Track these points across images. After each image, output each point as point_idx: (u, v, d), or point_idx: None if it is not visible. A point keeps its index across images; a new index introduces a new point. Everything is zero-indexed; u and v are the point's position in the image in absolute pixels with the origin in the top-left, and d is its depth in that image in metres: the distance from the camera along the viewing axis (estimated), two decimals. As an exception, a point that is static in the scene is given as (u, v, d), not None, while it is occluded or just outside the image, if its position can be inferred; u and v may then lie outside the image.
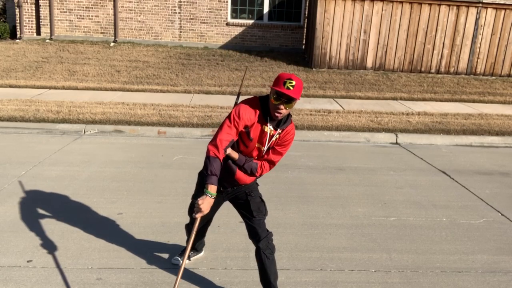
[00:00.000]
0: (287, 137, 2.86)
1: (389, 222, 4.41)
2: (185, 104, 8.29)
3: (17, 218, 4.10)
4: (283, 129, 2.83)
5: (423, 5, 11.04)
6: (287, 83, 2.59)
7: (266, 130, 2.78)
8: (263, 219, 3.01)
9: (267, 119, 2.77)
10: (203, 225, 3.31)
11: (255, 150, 2.87)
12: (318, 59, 11.24)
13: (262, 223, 2.99)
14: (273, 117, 2.74)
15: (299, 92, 2.64)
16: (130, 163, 5.68)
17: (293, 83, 2.59)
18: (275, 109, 2.68)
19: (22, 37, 12.86)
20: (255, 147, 2.85)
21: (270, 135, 2.81)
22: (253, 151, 2.87)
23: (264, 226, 3.00)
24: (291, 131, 2.87)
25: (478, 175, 5.89)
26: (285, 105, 2.65)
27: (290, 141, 2.89)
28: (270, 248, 2.98)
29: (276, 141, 2.85)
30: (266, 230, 3.00)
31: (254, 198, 2.99)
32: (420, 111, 8.72)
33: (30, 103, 7.83)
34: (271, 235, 3.02)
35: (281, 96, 2.62)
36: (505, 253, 3.94)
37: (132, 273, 3.35)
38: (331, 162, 6.14)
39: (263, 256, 2.95)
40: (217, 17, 13.07)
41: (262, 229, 2.98)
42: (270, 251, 2.98)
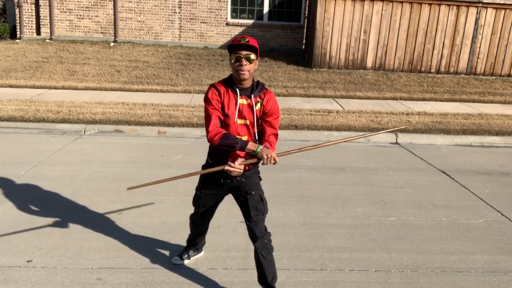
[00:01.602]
0: (270, 104, 2.84)
1: (389, 222, 4.41)
2: (185, 104, 8.29)
3: (17, 218, 4.11)
4: (259, 95, 2.81)
5: (423, 5, 11.04)
6: (241, 40, 2.69)
7: (240, 101, 2.78)
8: (261, 218, 2.98)
9: (236, 91, 2.78)
10: (206, 218, 3.28)
11: (243, 128, 2.82)
12: (318, 59, 11.24)
13: (260, 223, 2.96)
14: (239, 80, 2.73)
15: (255, 43, 2.71)
16: (130, 163, 5.68)
17: (246, 39, 2.70)
18: (238, 70, 2.70)
19: (22, 37, 12.86)
20: (241, 124, 2.81)
21: (249, 105, 2.79)
22: (240, 130, 2.81)
23: (262, 226, 2.97)
24: (271, 97, 2.86)
25: (478, 175, 5.89)
26: (246, 60, 2.68)
27: (275, 107, 2.87)
28: (267, 248, 2.95)
29: (261, 111, 2.83)
30: (263, 230, 2.98)
31: (253, 197, 2.95)
32: (420, 111, 8.72)
33: (30, 103, 7.83)
34: (268, 235, 3.00)
35: (238, 48, 2.68)
36: (505, 253, 3.94)
37: (132, 273, 3.35)
38: (331, 162, 6.14)
39: (260, 256, 2.94)
40: (217, 17, 13.07)
41: (259, 229, 2.95)
42: (267, 251, 2.95)
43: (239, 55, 2.68)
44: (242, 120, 2.81)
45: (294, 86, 10.08)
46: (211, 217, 3.32)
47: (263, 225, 2.99)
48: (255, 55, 2.71)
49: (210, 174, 2.96)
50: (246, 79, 2.75)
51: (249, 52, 2.69)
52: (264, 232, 2.98)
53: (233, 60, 2.70)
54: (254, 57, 2.71)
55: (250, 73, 2.74)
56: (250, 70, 2.72)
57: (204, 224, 3.35)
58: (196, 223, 3.31)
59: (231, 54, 2.72)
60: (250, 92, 2.80)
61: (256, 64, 2.76)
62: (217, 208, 3.27)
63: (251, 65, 2.72)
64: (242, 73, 2.70)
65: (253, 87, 2.82)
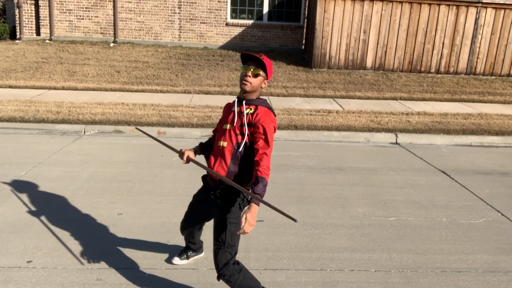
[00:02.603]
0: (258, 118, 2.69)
1: (389, 222, 4.41)
2: (185, 105, 8.29)
3: (17, 218, 4.11)
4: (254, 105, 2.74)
5: (422, 5, 11.05)
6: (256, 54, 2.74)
7: (233, 109, 2.82)
8: (223, 250, 2.70)
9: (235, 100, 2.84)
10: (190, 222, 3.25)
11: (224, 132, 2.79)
12: (318, 59, 11.24)
13: (220, 254, 2.70)
14: (242, 89, 2.76)
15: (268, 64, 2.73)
16: (130, 164, 5.68)
17: (262, 56, 2.73)
18: (242, 78, 2.73)
19: (21, 38, 12.86)
20: (224, 129, 2.80)
21: (238, 112, 2.78)
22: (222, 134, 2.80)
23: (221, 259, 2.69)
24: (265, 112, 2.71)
25: (478, 175, 5.89)
26: (253, 74, 2.69)
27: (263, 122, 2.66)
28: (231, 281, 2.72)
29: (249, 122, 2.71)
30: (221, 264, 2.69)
31: (220, 222, 2.76)
32: (420, 111, 8.72)
33: (30, 103, 7.83)
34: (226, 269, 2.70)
35: (250, 61, 2.72)
36: (505, 253, 3.94)
37: (132, 273, 3.35)
38: (331, 162, 6.14)
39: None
40: (216, 17, 13.07)
41: (217, 261, 2.71)
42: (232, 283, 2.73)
43: (248, 66, 2.72)
44: (225, 125, 2.82)
45: (294, 86, 10.08)
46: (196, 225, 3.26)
47: (224, 258, 2.70)
48: (263, 73, 2.73)
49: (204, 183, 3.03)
50: (246, 90, 2.73)
51: (258, 67, 2.71)
52: (221, 266, 2.69)
53: (242, 70, 2.74)
54: (261, 73, 2.72)
55: (252, 86, 2.72)
56: (252, 83, 2.71)
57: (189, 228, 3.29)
58: (182, 226, 3.32)
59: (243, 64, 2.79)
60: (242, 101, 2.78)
61: (261, 81, 2.75)
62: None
63: (256, 79, 2.71)
64: (244, 83, 2.71)
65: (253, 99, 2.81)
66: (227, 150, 2.75)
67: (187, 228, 3.31)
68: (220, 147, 2.78)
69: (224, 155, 2.76)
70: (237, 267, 2.76)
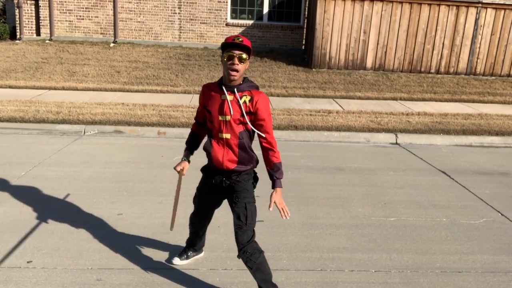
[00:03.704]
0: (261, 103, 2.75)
1: (389, 222, 4.41)
2: (185, 105, 8.29)
3: (17, 218, 4.10)
4: (247, 91, 2.76)
5: (422, 5, 11.05)
6: (235, 39, 2.67)
7: (223, 98, 2.77)
8: (245, 228, 2.85)
9: (222, 88, 2.78)
10: (202, 218, 3.26)
11: (224, 125, 2.78)
12: (318, 60, 11.24)
13: (242, 233, 2.85)
14: (229, 79, 2.72)
15: (249, 44, 2.70)
16: (130, 164, 5.68)
17: (240, 38, 2.68)
18: (229, 68, 2.68)
19: (22, 38, 12.86)
20: (222, 121, 2.77)
21: (232, 100, 2.75)
22: (222, 126, 2.79)
23: (243, 237, 2.85)
24: (263, 96, 2.77)
25: (478, 175, 5.89)
26: (238, 60, 2.67)
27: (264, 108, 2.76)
28: (251, 259, 2.84)
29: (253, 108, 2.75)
30: (245, 241, 2.84)
31: (237, 204, 2.89)
32: (420, 111, 8.72)
33: (30, 103, 7.83)
34: (251, 246, 2.85)
35: (232, 48, 2.67)
36: (505, 253, 3.94)
37: (132, 273, 3.35)
38: (331, 162, 6.14)
39: (247, 267, 2.89)
40: (216, 18, 13.08)
41: (239, 239, 2.85)
42: (252, 262, 2.84)
43: (232, 54, 2.67)
44: (222, 116, 2.78)
45: (294, 86, 10.09)
46: (208, 218, 3.30)
47: (246, 236, 2.86)
48: (247, 55, 2.71)
49: (206, 174, 3.05)
50: (235, 79, 2.73)
51: (242, 51, 2.68)
52: (245, 243, 2.84)
53: (226, 59, 2.68)
54: (246, 56, 2.70)
55: (240, 73, 2.73)
56: (240, 69, 2.71)
57: (200, 223, 3.31)
58: (193, 221, 3.31)
59: (224, 52, 2.71)
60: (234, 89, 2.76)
61: (247, 64, 2.75)
62: (217, 209, 3.26)
63: (243, 65, 2.71)
64: (233, 73, 2.70)
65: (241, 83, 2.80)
66: (231, 141, 2.81)
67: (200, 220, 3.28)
68: (223, 139, 2.82)
69: (230, 147, 2.83)
70: (258, 247, 2.91)
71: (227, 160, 2.84)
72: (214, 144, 2.85)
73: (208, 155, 2.90)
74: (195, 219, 3.28)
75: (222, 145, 2.83)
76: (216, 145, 2.84)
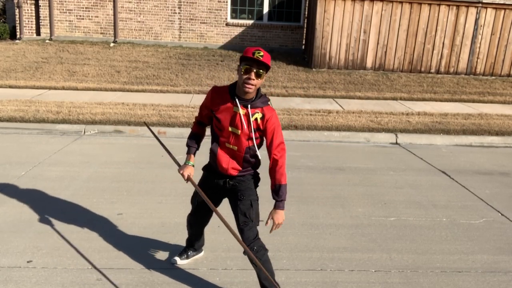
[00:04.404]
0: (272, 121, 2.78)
1: (389, 222, 4.41)
2: (185, 105, 8.29)
3: (17, 218, 4.11)
4: (260, 108, 2.76)
5: (422, 5, 11.05)
6: (256, 53, 2.61)
7: (236, 110, 2.75)
8: (250, 225, 2.90)
9: (235, 99, 2.75)
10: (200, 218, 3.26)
11: (233, 137, 2.80)
12: (318, 59, 11.24)
13: (248, 230, 2.90)
14: (243, 91, 2.69)
15: (269, 61, 2.66)
16: (130, 164, 5.68)
17: (261, 53, 2.62)
18: (245, 82, 2.65)
19: (22, 38, 12.86)
20: (231, 132, 2.79)
21: (244, 115, 2.74)
22: (231, 138, 2.81)
23: (250, 234, 2.89)
24: (274, 115, 2.79)
25: (478, 175, 5.89)
26: (256, 75, 2.63)
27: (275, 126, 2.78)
28: (257, 256, 2.86)
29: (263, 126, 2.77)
30: (251, 238, 2.89)
31: (243, 202, 2.92)
32: (420, 111, 8.72)
33: (30, 103, 7.83)
34: (257, 242, 2.91)
35: (252, 63, 2.62)
36: (505, 253, 3.94)
37: (132, 273, 3.35)
38: (331, 162, 6.14)
39: (252, 264, 2.92)
40: (216, 18, 13.07)
41: (246, 237, 2.89)
42: (258, 259, 2.88)
43: (250, 68, 2.63)
44: (233, 129, 2.79)
45: (294, 86, 10.09)
46: (206, 219, 3.29)
47: (252, 233, 2.91)
48: (265, 71, 2.67)
49: (208, 173, 3.03)
50: (250, 92, 2.71)
51: (261, 68, 2.64)
52: (252, 240, 2.89)
53: (243, 71, 2.65)
54: (263, 72, 2.66)
55: (256, 87, 2.70)
56: (256, 85, 2.68)
57: (198, 224, 3.31)
58: (191, 222, 3.31)
59: (242, 63, 2.67)
60: (247, 104, 2.75)
61: (264, 79, 2.72)
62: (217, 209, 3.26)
63: (260, 80, 2.67)
64: (248, 87, 2.66)
65: (254, 98, 2.77)
66: (237, 153, 2.86)
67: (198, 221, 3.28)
68: (230, 149, 2.85)
69: (235, 158, 2.87)
70: (263, 244, 2.95)
71: (231, 168, 2.89)
72: (220, 151, 2.88)
73: (213, 158, 2.92)
74: (193, 219, 3.28)
75: (228, 154, 2.87)
76: (222, 152, 2.87)
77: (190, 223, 3.32)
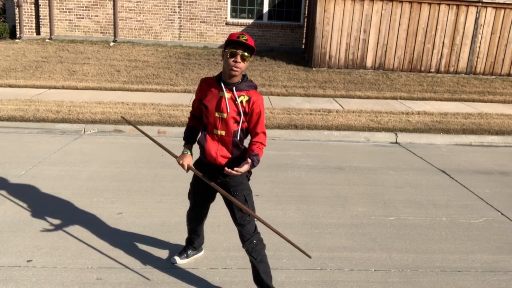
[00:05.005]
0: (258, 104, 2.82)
1: (389, 222, 4.41)
2: (185, 104, 8.29)
3: (17, 218, 4.11)
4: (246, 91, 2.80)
5: (422, 5, 11.04)
6: (240, 37, 2.67)
7: (221, 95, 2.80)
8: (248, 220, 2.92)
9: (220, 84, 2.80)
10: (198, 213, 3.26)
11: (220, 122, 2.81)
12: (318, 59, 11.24)
13: (247, 224, 2.92)
14: (229, 74, 2.74)
15: (252, 43, 2.71)
16: (130, 163, 5.68)
17: (245, 37, 2.68)
18: (231, 65, 2.69)
19: (21, 37, 12.85)
20: (218, 117, 2.81)
21: (231, 98, 2.78)
22: (218, 123, 2.82)
23: (249, 228, 2.92)
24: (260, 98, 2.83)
25: (478, 175, 5.89)
26: (241, 58, 2.68)
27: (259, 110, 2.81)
28: (256, 249, 2.91)
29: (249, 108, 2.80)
30: (251, 232, 2.92)
31: (237, 198, 2.90)
32: (420, 110, 8.72)
33: (30, 102, 7.83)
34: (257, 236, 2.94)
35: (237, 46, 2.67)
36: (505, 252, 3.94)
37: (132, 273, 3.35)
38: (331, 161, 6.14)
39: (251, 258, 2.94)
40: (216, 17, 13.07)
41: (246, 231, 2.92)
42: (257, 252, 2.91)
43: (235, 52, 2.68)
44: (219, 113, 2.81)
45: (294, 85, 10.08)
46: (204, 213, 3.30)
47: (251, 227, 2.94)
48: (250, 54, 2.72)
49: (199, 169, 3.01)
50: (236, 75, 2.76)
51: (246, 51, 2.70)
52: (252, 233, 2.93)
53: (228, 55, 2.69)
54: (248, 55, 2.72)
55: (241, 71, 2.74)
56: (242, 67, 2.72)
57: (197, 219, 3.32)
58: (190, 218, 3.33)
59: (227, 48, 2.72)
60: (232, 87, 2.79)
61: (248, 62, 2.78)
62: (217, 208, 3.27)
63: (245, 63, 2.72)
64: (234, 69, 2.70)
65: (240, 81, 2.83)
66: (226, 138, 2.85)
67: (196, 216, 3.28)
68: (218, 135, 2.85)
69: (225, 143, 2.86)
70: (262, 238, 2.97)
71: (220, 155, 2.87)
72: (208, 139, 2.88)
73: (201, 148, 2.92)
74: (192, 215, 3.30)
75: (217, 141, 2.87)
76: (211, 140, 2.87)
77: (189, 218, 3.33)
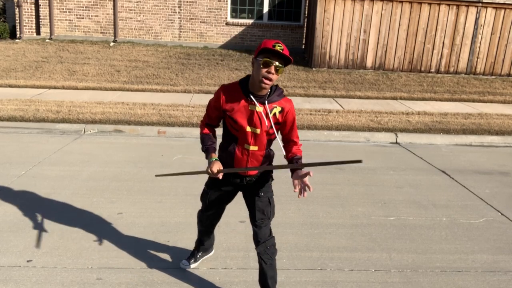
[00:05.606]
0: (291, 113, 2.68)
1: (389, 222, 4.41)
2: (185, 104, 8.29)
3: (17, 218, 4.11)
4: (277, 101, 2.62)
5: (423, 5, 11.05)
6: (276, 45, 2.42)
7: (252, 109, 2.59)
8: (266, 223, 2.86)
9: (249, 96, 2.58)
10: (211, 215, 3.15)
11: (252, 137, 2.65)
12: (318, 59, 11.24)
13: (264, 227, 2.85)
14: (259, 87, 2.52)
15: (288, 53, 2.47)
16: (130, 163, 5.68)
17: (281, 46, 2.44)
18: (263, 76, 2.45)
19: (21, 37, 12.85)
20: (250, 132, 2.63)
21: (263, 112, 2.59)
22: (250, 138, 2.65)
23: (265, 231, 2.86)
24: (292, 107, 2.68)
25: (478, 175, 5.89)
26: (275, 70, 2.45)
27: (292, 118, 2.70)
28: (268, 253, 2.86)
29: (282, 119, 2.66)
30: (267, 235, 2.87)
31: (261, 199, 2.83)
32: (420, 110, 8.72)
33: (30, 103, 7.83)
34: (271, 240, 2.89)
35: (272, 56, 2.41)
36: (505, 252, 3.94)
37: (132, 273, 3.35)
38: (331, 161, 6.13)
39: (261, 261, 2.90)
40: (216, 17, 13.07)
41: (262, 234, 2.85)
42: (269, 256, 2.87)
43: (269, 62, 2.43)
44: (252, 128, 2.62)
45: (294, 85, 10.08)
46: (217, 216, 3.19)
47: (268, 230, 2.88)
48: (283, 66, 2.48)
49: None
50: (267, 88, 2.54)
51: (281, 62, 2.46)
52: (267, 237, 2.87)
53: (262, 65, 2.44)
54: (283, 67, 2.47)
55: (272, 82, 2.52)
56: (274, 80, 2.49)
57: (210, 221, 3.21)
58: (202, 219, 3.21)
59: (259, 56, 2.47)
60: (264, 100, 2.59)
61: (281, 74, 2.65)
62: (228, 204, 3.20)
63: (277, 75, 2.49)
64: (266, 82, 2.47)
65: (269, 92, 2.62)
66: (258, 153, 2.71)
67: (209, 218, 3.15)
68: (250, 151, 2.69)
69: (256, 157, 2.72)
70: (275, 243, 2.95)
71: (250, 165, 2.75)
72: (237, 152, 2.71)
73: (230, 158, 2.75)
74: (204, 217, 3.17)
75: (247, 155, 2.71)
76: (240, 154, 2.71)
77: (201, 220, 3.21)
